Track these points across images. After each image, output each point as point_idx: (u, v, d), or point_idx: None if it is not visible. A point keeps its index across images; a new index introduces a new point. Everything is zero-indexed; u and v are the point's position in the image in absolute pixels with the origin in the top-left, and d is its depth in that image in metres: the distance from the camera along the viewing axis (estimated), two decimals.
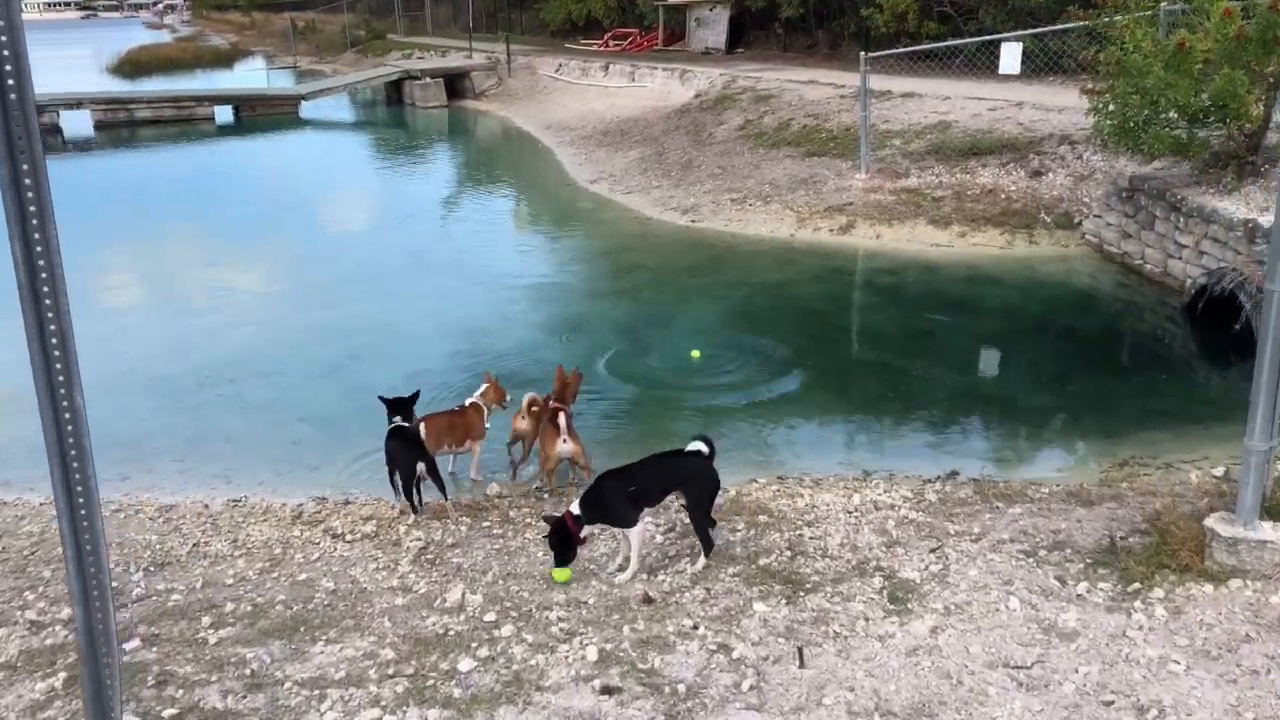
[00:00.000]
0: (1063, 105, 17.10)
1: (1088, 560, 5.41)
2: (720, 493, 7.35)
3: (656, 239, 15.44)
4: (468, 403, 8.09)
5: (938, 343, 11.08)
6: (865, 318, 11.86)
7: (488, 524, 6.88)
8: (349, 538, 6.83)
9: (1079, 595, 5.02)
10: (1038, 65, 18.16)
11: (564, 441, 7.35)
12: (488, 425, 8.13)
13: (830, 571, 5.55)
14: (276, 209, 19.48)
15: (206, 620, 5.47)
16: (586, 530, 5.77)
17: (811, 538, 6.12)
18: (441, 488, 7.15)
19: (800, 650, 4.61)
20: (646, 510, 5.88)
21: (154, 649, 5.11)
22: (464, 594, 5.56)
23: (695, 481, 5.77)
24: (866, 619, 4.96)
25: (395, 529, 6.93)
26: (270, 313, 12.68)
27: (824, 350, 10.71)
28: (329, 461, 8.45)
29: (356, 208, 19.96)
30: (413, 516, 7.07)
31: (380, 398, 7.50)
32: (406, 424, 7.31)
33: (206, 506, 7.61)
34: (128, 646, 5.08)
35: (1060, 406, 9.45)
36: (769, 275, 13.38)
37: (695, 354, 10.37)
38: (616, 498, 5.70)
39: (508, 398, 8.31)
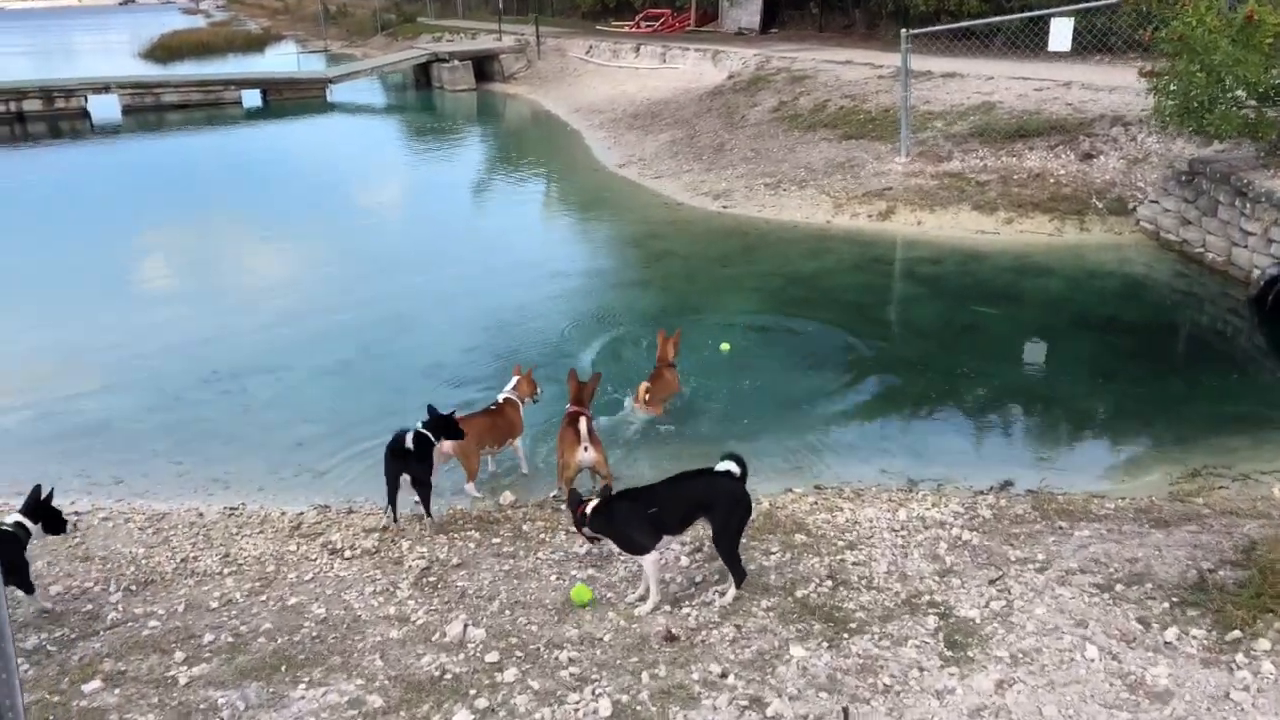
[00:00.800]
0: (1113, 84, 16.23)
1: (1173, 598, 4.71)
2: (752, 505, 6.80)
3: (687, 225, 14.76)
4: (501, 399, 7.51)
5: (985, 338, 10.33)
6: (907, 310, 11.11)
7: (498, 540, 6.27)
8: (348, 554, 6.25)
9: (1168, 643, 4.32)
10: (1084, 43, 17.25)
11: (585, 449, 6.74)
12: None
13: (877, 607, 4.89)
14: (298, 196, 19.00)
15: (180, 655, 4.91)
16: (589, 532, 5.22)
17: (854, 563, 5.45)
18: (425, 503, 6.59)
19: (845, 712, 3.96)
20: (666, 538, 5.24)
21: (116, 690, 4.55)
22: (466, 627, 4.96)
23: (724, 506, 5.10)
24: (921, 669, 4.30)
25: (398, 544, 6.34)
26: (282, 304, 12.14)
27: (863, 346, 9.99)
28: (334, 466, 7.89)
29: (380, 195, 19.42)
30: (417, 529, 6.50)
31: (430, 408, 6.92)
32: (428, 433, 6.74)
33: (201, 515, 7.07)
34: (87, 689, 4.52)
35: (1120, 408, 8.69)
36: (804, 264, 12.67)
37: (725, 347, 9.71)
38: (633, 520, 5.07)
39: (540, 391, 7.72)
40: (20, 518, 5.71)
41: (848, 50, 24.40)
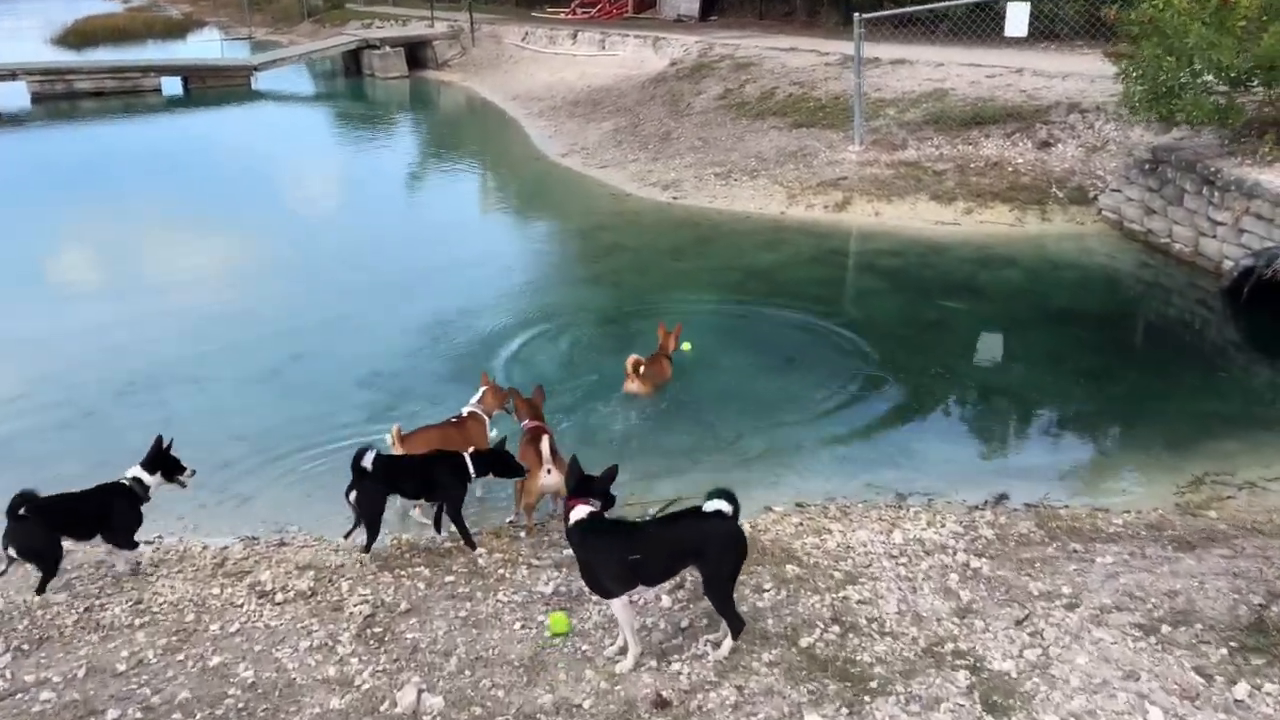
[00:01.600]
0: (1066, 71, 15.92)
1: (1230, 642, 4.16)
2: None
3: (636, 217, 14.06)
4: (465, 412, 6.74)
5: (953, 335, 9.80)
6: (870, 306, 10.52)
7: (451, 578, 5.52)
8: (280, 597, 5.45)
9: (1239, 701, 3.76)
10: (1033, 29, 16.83)
11: (548, 472, 6.02)
12: (492, 433, 6.82)
13: (896, 659, 4.26)
14: (221, 190, 17.80)
15: None
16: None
17: (860, 601, 4.82)
18: (360, 526, 5.85)
19: None
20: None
21: None
22: (420, 694, 4.23)
23: (715, 551, 4.40)
24: None
25: (337, 584, 5.56)
26: (205, 306, 11.12)
27: (829, 345, 9.39)
28: (262, 489, 7.07)
29: (309, 188, 18.37)
30: (358, 567, 5.74)
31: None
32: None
33: (110, 551, 6.18)
34: None
35: (1103, 410, 8.23)
36: (760, 257, 12.05)
37: (686, 347, 9.03)
38: (610, 561, 4.37)
39: (508, 402, 6.96)
40: (139, 471, 5.82)
41: (790, 37, 23.84)
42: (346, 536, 5.92)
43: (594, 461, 7.29)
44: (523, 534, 6.17)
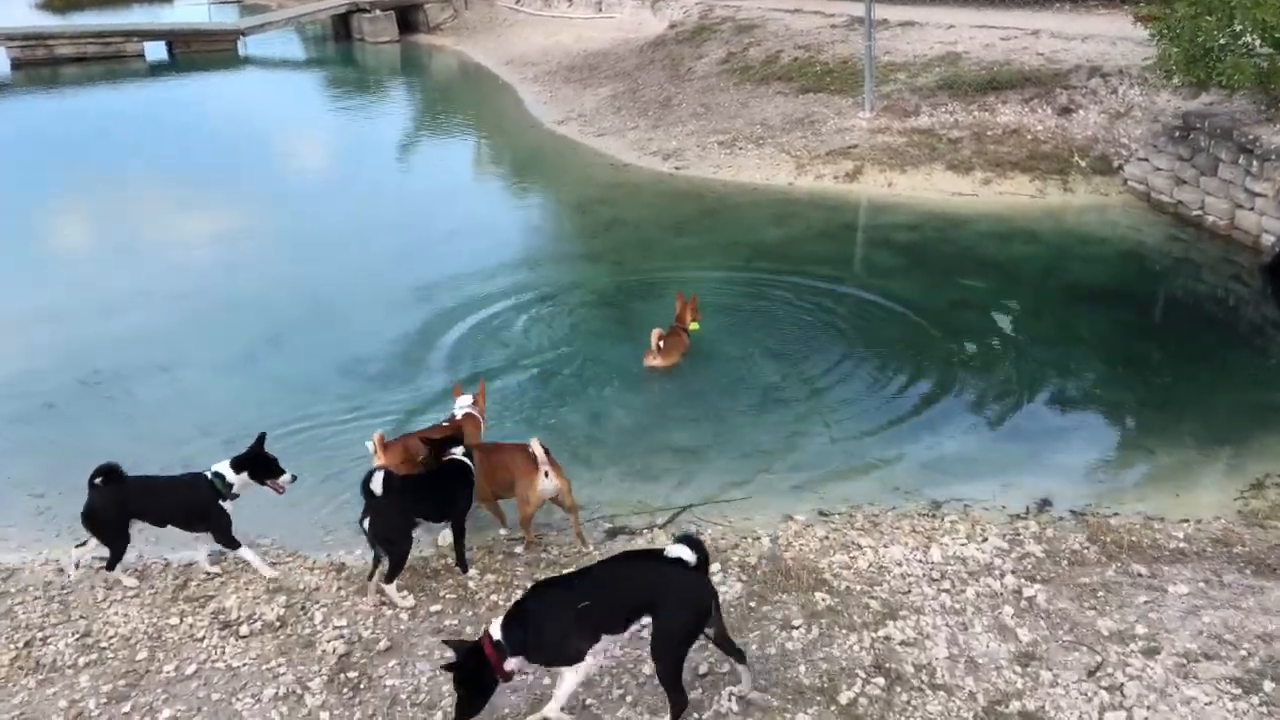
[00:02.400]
0: (1085, 33, 15.13)
1: None
2: (749, 540, 5.53)
3: (636, 189, 13.33)
4: (459, 414, 6.08)
5: (976, 316, 9.11)
6: (887, 285, 9.75)
7: (437, 607, 4.89)
8: (245, 629, 4.83)
9: None
10: None
11: (545, 475, 5.38)
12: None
13: None
14: (203, 160, 16.98)
15: None
16: (516, 664, 3.77)
17: (903, 642, 4.20)
18: (391, 567, 5.04)
19: None
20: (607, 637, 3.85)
21: None
22: None
23: (672, 604, 3.73)
24: None
25: (310, 613, 4.94)
26: (179, 284, 10.40)
27: (843, 328, 8.72)
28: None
29: (295, 158, 17.54)
30: (334, 587, 5.10)
31: None
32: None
33: (61, 571, 5.56)
34: None
35: (1147, 401, 7.61)
36: (769, 232, 11.35)
37: (694, 326, 8.38)
38: (560, 620, 3.73)
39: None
40: (223, 468, 5.29)
41: None
42: (371, 578, 5.10)
43: (594, 461, 6.75)
44: (519, 549, 5.54)
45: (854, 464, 6.64)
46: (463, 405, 6.13)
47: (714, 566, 5.11)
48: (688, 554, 3.78)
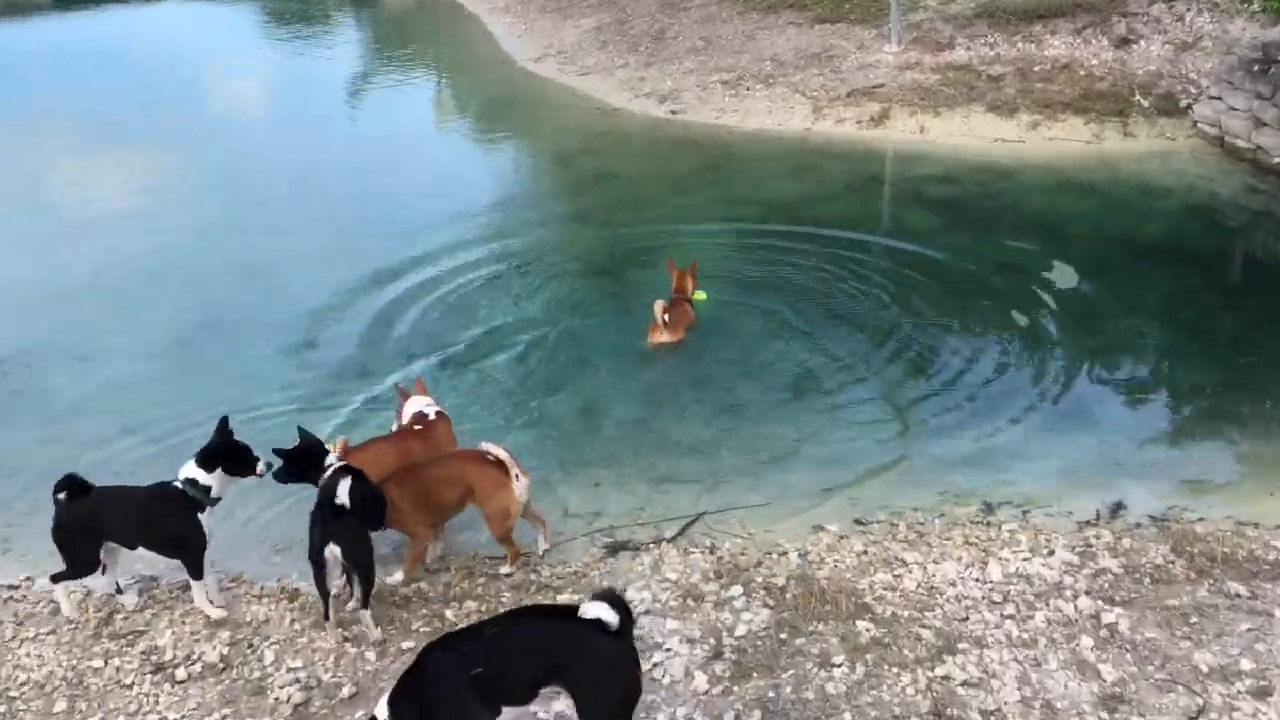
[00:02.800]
0: None
1: None
2: (775, 556, 5.37)
3: (627, 137, 13.23)
4: (432, 413, 5.88)
5: (1026, 285, 8.91)
6: (923, 249, 9.58)
7: (410, 644, 4.73)
8: (182, 673, 4.68)
9: None
10: None
11: (517, 478, 5.24)
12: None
13: None
14: (121, 103, 16.84)
15: None
16: None
17: (965, 683, 4.06)
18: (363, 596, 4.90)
19: None
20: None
21: None
22: None
23: (588, 673, 3.61)
24: None
25: (259, 650, 4.78)
26: (96, 254, 10.28)
27: (873, 301, 8.59)
28: None
29: (229, 102, 17.37)
30: (288, 620, 4.94)
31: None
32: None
33: None
34: None
35: (1229, 383, 7.47)
36: (783, 188, 11.21)
37: (700, 296, 8.24)
38: (450, 691, 3.59)
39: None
40: (192, 471, 4.98)
41: None
42: (327, 618, 4.94)
43: (589, 462, 6.60)
44: (504, 569, 5.37)
45: (891, 461, 6.50)
46: (429, 404, 5.95)
47: (735, 589, 4.99)
48: (609, 614, 3.61)
